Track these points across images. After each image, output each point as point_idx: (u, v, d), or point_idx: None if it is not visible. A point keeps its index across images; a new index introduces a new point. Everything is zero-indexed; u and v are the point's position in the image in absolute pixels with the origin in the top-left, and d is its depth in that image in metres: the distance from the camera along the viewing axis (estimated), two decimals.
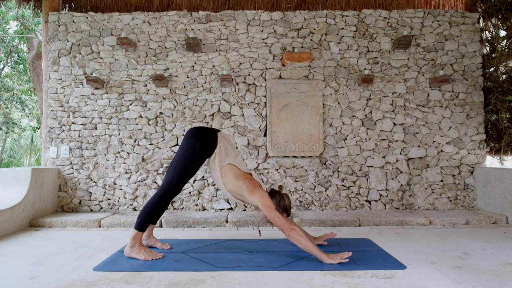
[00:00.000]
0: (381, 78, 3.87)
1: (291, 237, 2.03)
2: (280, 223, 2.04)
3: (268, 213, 2.06)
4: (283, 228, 2.03)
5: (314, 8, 4.18)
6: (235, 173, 2.21)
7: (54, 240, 2.74)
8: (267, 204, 2.08)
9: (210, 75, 3.87)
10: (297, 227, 2.09)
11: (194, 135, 2.26)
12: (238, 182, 2.18)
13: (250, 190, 2.13)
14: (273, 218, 2.05)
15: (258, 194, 2.11)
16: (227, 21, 3.90)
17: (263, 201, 2.09)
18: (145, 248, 2.20)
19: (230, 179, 2.20)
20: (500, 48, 3.93)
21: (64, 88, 3.88)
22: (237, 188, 2.18)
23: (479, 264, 2.07)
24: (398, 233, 2.91)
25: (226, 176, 2.21)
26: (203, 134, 2.26)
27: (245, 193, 2.16)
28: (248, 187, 2.14)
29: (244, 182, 2.17)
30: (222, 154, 2.25)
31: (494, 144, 3.91)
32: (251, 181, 2.19)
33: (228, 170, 2.22)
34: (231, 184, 2.20)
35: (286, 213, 2.20)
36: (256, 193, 2.12)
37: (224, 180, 2.22)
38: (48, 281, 1.83)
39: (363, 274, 1.89)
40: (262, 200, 2.09)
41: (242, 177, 2.21)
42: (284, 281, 1.81)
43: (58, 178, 3.78)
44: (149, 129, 3.82)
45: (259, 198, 2.10)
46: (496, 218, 3.31)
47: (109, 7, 4.18)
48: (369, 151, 3.81)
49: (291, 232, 2.02)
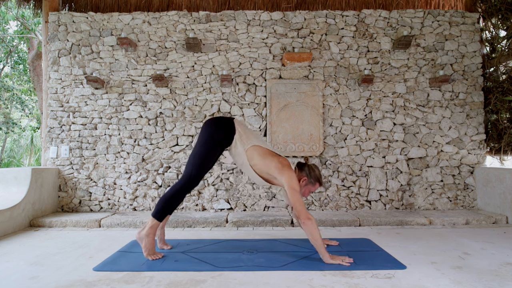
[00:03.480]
0: (381, 78, 3.87)
1: (306, 225, 2.00)
2: (300, 209, 2.02)
3: (291, 195, 2.04)
4: (301, 214, 2.01)
5: (314, 8, 4.18)
6: (261, 153, 2.18)
7: (54, 240, 2.74)
8: (293, 186, 2.05)
9: (210, 75, 3.87)
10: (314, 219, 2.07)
11: (212, 126, 2.24)
12: (266, 160, 2.15)
13: (279, 168, 2.11)
14: (295, 201, 2.03)
15: (287, 174, 2.09)
16: (227, 21, 3.90)
17: (290, 182, 2.06)
18: (154, 247, 2.20)
19: (258, 159, 2.16)
20: (500, 48, 3.93)
21: (64, 88, 3.88)
22: (267, 166, 2.15)
23: (479, 264, 2.07)
24: (398, 233, 2.91)
25: (253, 158, 2.18)
26: (221, 124, 2.25)
27: (273, 171, 2.12)
28: (277, 164, 2.12)
29: (273, 159, 2.15)
30: (244, 138, 2.22)
31: (494, 144, 3.91)
32: (280, 158, 2.18)
33: (254, 151, 2.19)
34: (260, 164, 2.16)
35: (319, 183, 2.21)
36: (285, 172, 2.09)
37: (251, 162, 2.18)
38: (48, 281, 1.83)
39: (363, 274, 1.89)
40: (289, 180, 2.07)
41: (270, 155, 2.19)
42: (284, 281, 1.81)
43: (58, 178, 3.78)
44: (149, 129, 3.82)
45: (287, 178, 2.07)
46: (496, 218, 3.31)
47: (109, 7, 4.18)
48: (369, 151, 3.81)
49: (307, 220, 2.00)
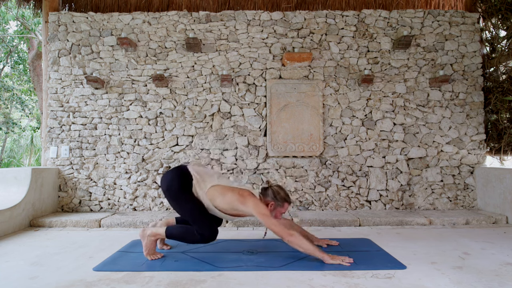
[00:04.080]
0: (381, 78, 3.87)
1: (291, 243, 2.02)
2: (278, 230, 2.02)
3: (264, 221, 2.03)
4: (282, 235, 2.02)
5: (314, 8, 4.18)
6: (220, 191, 2.15)
7: (54, 240, 2.74)
8: (261, 212, 2.04)
9: (210, 75, 3.87)
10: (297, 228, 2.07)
11: (166, 181, 2.18)
12: (226, 196, 2.12)
13: (241, 200, 2.09)
14: (270, 226, 2.03)
15: (251, 202, 2.07)
16: (227, 21, 3.90)
17: (258, 209, 2.05)
18: (154, 247, 2.22)
19: (219, 198, 2.13)
20: (500, 48, 3.93)
21: (64, 88, 3.88)
22: (229, 203, 2.12)
23: (479, 264, 2.07)
24: (398, 233, 2.91)
25: (215, 199, 2.14)
26: (172, 176, 2.19)
27: (237, 205, 2.10)
28: (238, 197, 2.10)
29: (233, 193, 2.13)
30: (200, 181, 2.17)
31: (494, 144, 3.91)
32: (240, 190, 2.15)
33: (213, 191, 2.15)
34: (222, 203, 2.13)
35: (287, 202, 2.19)
36: (248, 201, 2.08)
37: (215, 203, 2.15)
38: (48, 281, 1.83)
39: (363, 274, 1.89)
40: (256, 208, 2.06)
41: (228, 190, 2.15)
42: (284, 281, 1.81)
43: (58, 178, 3.78)
44: (149, 129, 3.82)
45: (253, 206, 2.06)
46: (496, 218, 3.31)
47: (109, 7, 4.18)
48: (369, 151, 3.81)
49: (290, 238, 2.01)
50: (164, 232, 2.19)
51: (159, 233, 2.19)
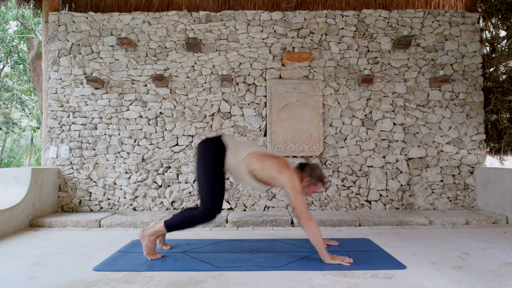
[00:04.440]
0: (381, 78, 3.87)
1: (309, 226, 1.99)
2: (302, 209, 2.00)
3: (293, 196, 2.00)
4: (303, 215, 1.99)
5: (314, 8, 4.18)
6: (259, 157, 2.13)
7: (54, 240, 2.74)
8: (293, 186, 2.01)
9: (210, 75, 3.87)
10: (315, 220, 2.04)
11: (204, 149, 2.19)
12: (265, 162, 2.09)
13: (278, 168, 2.06)
14: (297, 202, 2.00)
15: (287, 174, 2.04)
16: (227, 21, 3.90)
17: (291, 182, 2.02)
18: (154, 247, 2.21)
19: (257, 164, 2.10)
20: (500, 48, 3.93)
21: (64, 88, 3.88)
22: (266, 169, 2.09)
23: (479, 264, 2.07)
24: (398, 233, 2.91)
25: (251, 164, 2.11)
26: (210, 144, 2.20)
27: (273, 172, 2.07)
28: (277, 165, 2.07)
29: (272, 161, 2.11)
30: (234, 151, 2.16)
31: (494, 144, 3.91)
32: (279, 159, 2.14)
33: (251, 158, 2.13)
34: (259, 169, 2.10)
35: (321, 182, 2.18)
36: (285, 172, 2.04)
37: (250, 168, 2.11)
38: (48, 281, 1.83)
39: (363, 274, 1.89)
40: (290, 180, 2.02)
41: (268, 157, 2.14)
42: (284, 281, 1.81)
43: (58, 178, 3.78)
44: (149, 129, 3.82)
45: (288, 178, 2.02)
46: (496, 218, 3.31)
47: (109, 7, 4.18)
48: (369, 151, 3.81)
49: (309, 221, 1.99)
50: (162, 226, 2.15)
51: (158, 230, 2.17)
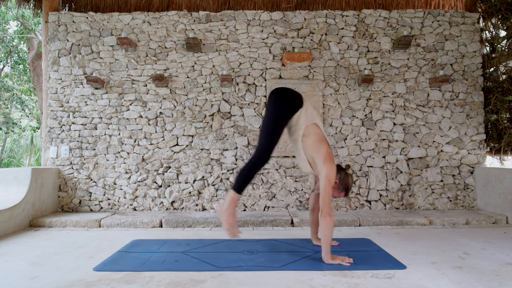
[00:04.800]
0: (381, 78, 3.87)
1: (326, 220, 2.01)
2: (327, 201, 2.03)
3: (324, 186, 2.04)
4: (325, 208, 2.02)
5: (314, 8, 4.18)
6: (319, 135, 2.18)
7: (54, 240, 2.74)
8: (329, 178, 2.06)
9: (210, 75, 3.87)
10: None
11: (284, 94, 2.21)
12: (320, 144, 2.16)
13: (325, 158, 2.11)
14: (325, 193, 2.04)
15: (329, 165, 2.09)
16: (227, 21, 3.90)
17: (330, 173, 2.06)
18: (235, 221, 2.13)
19: (313, 139, 2.16)
20: (500, 48, 3.93)
21: (64, 88, 3.88)
22: (316, 149, 2.15)
23: (479, 264, 2.07)
24: (398, 233, 2.91)
25: (308, 136, 2.17)
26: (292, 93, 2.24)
27: (319, 157, 2.12)
28: (325, 154, 2.13)
29: (326, 148, 2.16)
30: (308, 113, 2.21)
31: (494, 144, 3.91)
32: (330, 150, 2.19)
33: (312, 130, 2.18)
34: (311, 145, 2.17)
35: (345, 192, 2.21)
36: (328, 162, 2.10)
37: (305, 138, 2.18)
38: (48, 281, 1.83)
39: (363, 274, 1.89)
40: (329, 171, 2.07)
41: (325, 142, 2.19)
42: (284, 281, 1.81)
43: (58, 178, 3.78)
44: (149, 129, 3.82)
45: (328, 169, 2.07)
46: (496, 218, 3.31)
47: (109, 7, 4.18)
48: (369, 151, 3.81)
49: (328, 216, 2.01)
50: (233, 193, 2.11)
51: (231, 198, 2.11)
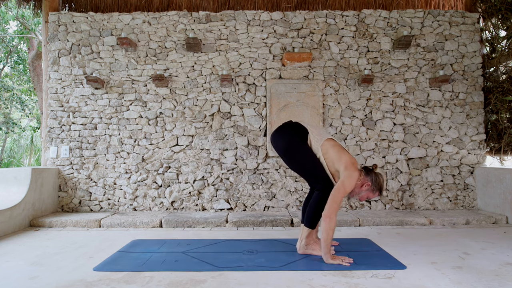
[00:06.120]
0: (381, 78, 3.87)
1: (329, 221, 2.03)
2: (332, 204, 2.04)
3: (336, 188, 2.07)
4: (329, 209, 2.04)
5: (314, 8, 4.18)
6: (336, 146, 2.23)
7: (54, 240, 2.74)
8: (345, 184, 2.08)
9: (210, 75, 3.87)
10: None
11: (287, 137, 2.29)
12: (340, 154, 2.19)
13: (347, 164, 2.14)
14: (336, 194, 2.06)
15: (350, 172, 2.11)
16: (227, 21, 3.90)
17: (347, 179, 2.08)
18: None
19: (331, 153, 2.20)
20: (500, 48, 3.93)
21: (64, 88, 3.88)
22: (338, 159, 2.18)
23: (479, 264, 2.07)
24: (398, 233, 2.91)
25: (327, 152, 2.22)
26: (291, 131, 2.30)
27: (341, 165, 2.15)
28: (347, 161, 2.15)
29: (347, 155, 2.20)
30: (315, 134, 2.27)
31: (494, 144, 3.91)
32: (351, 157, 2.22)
33: (327, 146, 2.23)
34: (333, 156, 2.20)
35: (379, 192, 2.23)
36: (350, 170, 2.12)
37: (326, 156, 2.22)
38: (48, 281, 1.83)
39: (363, 274, 1.89)
40: (347, 177, 2.09)
41: (344, 151, 2.24)
42: (284, 281, 1.81)
43: (58, 178, 3.78)
44: (149, 129, 3.82)
45: (348, 175, 2.10)
46: (496, 218, 3.31)
47: (109, 7, 4.18)
48: (369, 151, 3.81)
49: (328, 218, 2.03)
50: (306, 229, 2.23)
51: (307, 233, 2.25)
